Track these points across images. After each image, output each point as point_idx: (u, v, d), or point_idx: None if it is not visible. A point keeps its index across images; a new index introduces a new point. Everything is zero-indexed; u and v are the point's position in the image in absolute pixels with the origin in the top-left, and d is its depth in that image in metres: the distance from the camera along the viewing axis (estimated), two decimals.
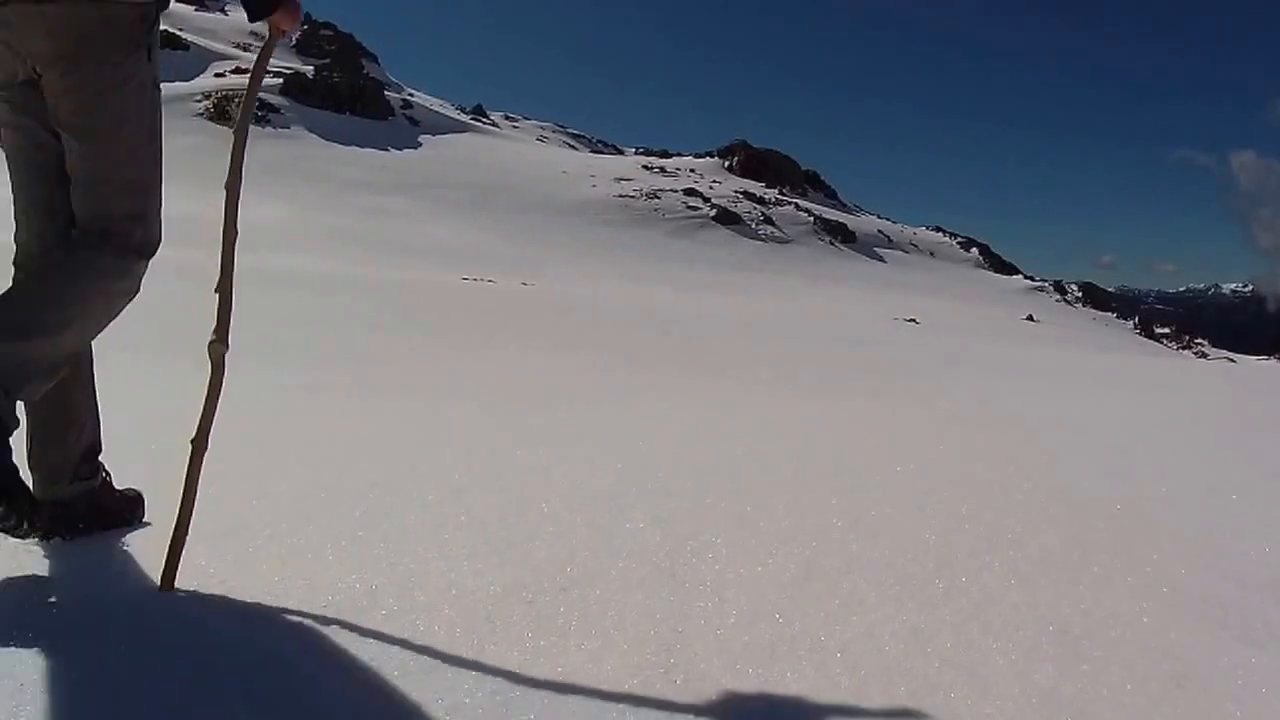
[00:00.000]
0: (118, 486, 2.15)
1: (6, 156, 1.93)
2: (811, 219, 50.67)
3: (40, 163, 1.89)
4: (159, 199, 1.95)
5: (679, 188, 49.54)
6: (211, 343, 1.87)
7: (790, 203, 53.36)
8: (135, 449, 2.40)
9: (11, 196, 1.92)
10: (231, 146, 1.92)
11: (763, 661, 1.67)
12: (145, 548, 2.01)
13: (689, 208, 46.63)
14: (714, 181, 53.82)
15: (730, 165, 59.77)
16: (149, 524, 2.16)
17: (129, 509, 2.15)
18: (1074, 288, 50.80)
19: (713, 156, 62.03)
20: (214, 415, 1.87)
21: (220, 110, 43.91)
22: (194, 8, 64.88)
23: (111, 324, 1.92)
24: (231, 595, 1.80)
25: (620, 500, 2.65)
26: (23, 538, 1.89)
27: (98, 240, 1.85)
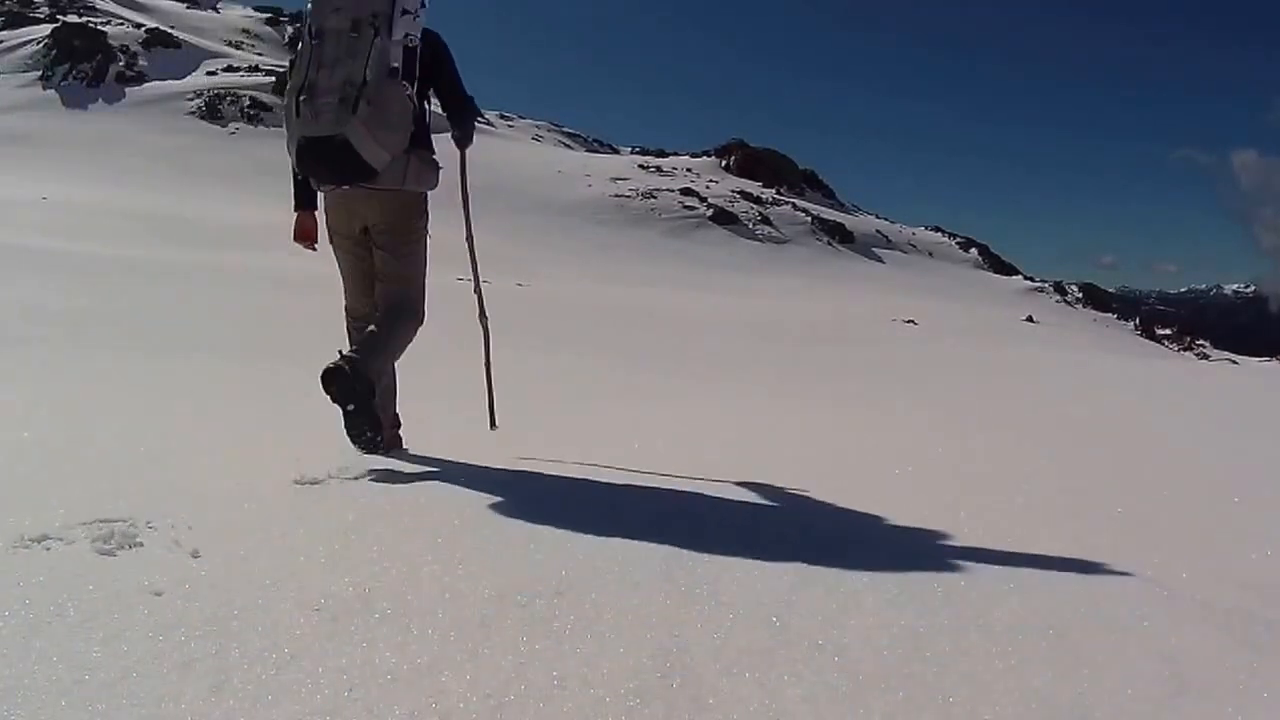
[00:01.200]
0: None
1: (345, 265, 3.34)
2: (809, 219, 50.56)
3: (366, 270, 3.31)
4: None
5: (675, 187, 49.41)
6: (480, 316, 3.64)
7: (787, 202, 53.26)
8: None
9: (344, 285, 3.40)
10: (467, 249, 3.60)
11: (760, 665, 1.65)
12: None
13: (685, 207, 46.53)
14: (710, 181, 53.68)
15: (727, 164, 59.60)
16: None
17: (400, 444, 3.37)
18: (1074, 288, 50.67)
19: (709, 156, 61.83)
20: (490, 343, 3.65)
21: (211, 108, 43.78)
22: (185, 5, 64.73)
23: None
24: (223, 597, 1.78)
25: (617, 501, 2.63)
26: (375, 452, 3.07)
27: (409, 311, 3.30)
